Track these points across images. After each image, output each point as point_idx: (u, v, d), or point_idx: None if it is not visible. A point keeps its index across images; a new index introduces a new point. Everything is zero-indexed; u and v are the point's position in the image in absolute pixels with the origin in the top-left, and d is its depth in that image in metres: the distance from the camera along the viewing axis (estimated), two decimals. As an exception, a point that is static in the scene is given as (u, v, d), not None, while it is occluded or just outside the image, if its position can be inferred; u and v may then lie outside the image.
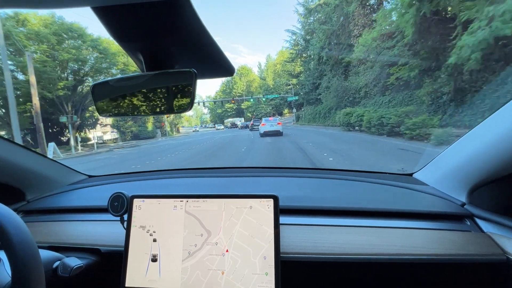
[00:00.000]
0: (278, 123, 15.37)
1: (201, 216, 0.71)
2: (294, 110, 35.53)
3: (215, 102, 47.87)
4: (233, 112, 61.32)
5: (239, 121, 42.41)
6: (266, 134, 14.87)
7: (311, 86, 28.51)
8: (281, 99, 46.01)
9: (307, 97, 29.98)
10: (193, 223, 0.70)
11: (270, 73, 55.08)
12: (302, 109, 32.27)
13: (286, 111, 54.86)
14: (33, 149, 1.10)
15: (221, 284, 0.65)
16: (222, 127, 46.03)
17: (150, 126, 31.65)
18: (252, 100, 40.85)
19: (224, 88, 58.91)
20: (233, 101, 34.22)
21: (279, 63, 49.56)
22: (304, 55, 32.98)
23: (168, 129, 38.24)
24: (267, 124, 15.56)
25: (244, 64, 59.31)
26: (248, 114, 52.88)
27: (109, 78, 0.54)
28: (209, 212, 0.70)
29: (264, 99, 38.13)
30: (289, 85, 39.09)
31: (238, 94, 52.26)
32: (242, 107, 55.20)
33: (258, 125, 17.73)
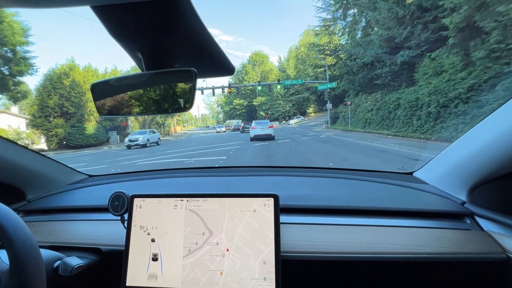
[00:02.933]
0: (270, 127, 14.46)
1: (204, 215, 0.71)
2: (329, 105, 21.44)
3: (214, 94, 35.80)
4: (243, 110, 49.73)
5: (236, 122, 36.66)
6: (256, 138, 14.00)
7: (381, 49, 14.22)
8: (306, 89, 32.21)
9: (362, 77, 16.08)
10: (195, 221, 0.71)
11: (291, 61, 42.09)
12: (347, 102, 18.23)
13: (311, 109, 40.90)
14: (33, 149, 1.06)
15: (219, 284, 0.65)
16: (224, 129, 34.65)
17: (91, 127, 19.26)
18: (260, 88, 27.69)
19: (233, 80, 46.72)
20: (230, 90, 21.71)
21: (303, 45, 36.02)
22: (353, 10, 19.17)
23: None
24: (258, 128, 14.46)
25: (259, 50, 47.14)
26: (261, 112, 41.05)
27: (109, 78, 0.54)
28: (212, 212, 0.71)
29: (279, 86, 24.34)
30: (322, 66, 25.23)
31: (249, 87, 40.06)
32: (254, 103, 43.26)
33: (249, 128, 16.82)
